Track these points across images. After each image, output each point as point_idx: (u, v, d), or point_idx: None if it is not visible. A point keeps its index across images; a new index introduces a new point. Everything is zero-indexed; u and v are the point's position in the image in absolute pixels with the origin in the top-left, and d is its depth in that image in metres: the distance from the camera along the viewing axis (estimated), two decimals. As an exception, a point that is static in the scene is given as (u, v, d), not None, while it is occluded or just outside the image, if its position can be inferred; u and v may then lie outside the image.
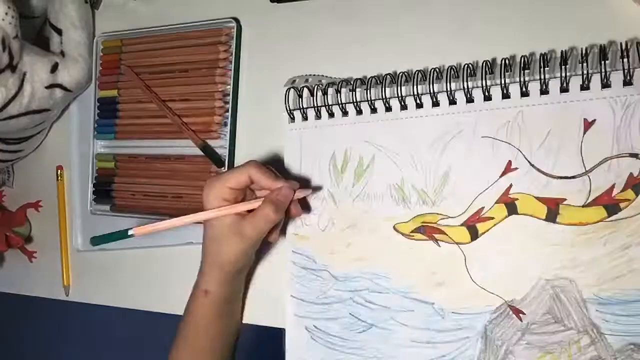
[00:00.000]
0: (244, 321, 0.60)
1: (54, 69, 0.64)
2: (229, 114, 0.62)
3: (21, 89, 0.61)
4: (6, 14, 0.56)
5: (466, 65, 0.49)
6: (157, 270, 0.66)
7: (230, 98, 0.62)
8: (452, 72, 0.49)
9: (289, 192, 0.51)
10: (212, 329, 0.56)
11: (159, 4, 0.69)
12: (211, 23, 0.63)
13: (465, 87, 0.48)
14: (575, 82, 0.45)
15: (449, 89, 0.49)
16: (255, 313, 0.59)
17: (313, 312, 0.55)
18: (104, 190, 0.69)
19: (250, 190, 0.53)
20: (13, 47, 0.58)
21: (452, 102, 0.49)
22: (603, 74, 0.43)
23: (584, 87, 0.45)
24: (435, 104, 0.50)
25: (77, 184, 0.72)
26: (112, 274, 0.69)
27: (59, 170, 0.74)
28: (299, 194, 0.53)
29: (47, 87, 0.64)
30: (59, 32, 0.66)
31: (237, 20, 0.62)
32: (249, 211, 0.51)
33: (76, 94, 0.70)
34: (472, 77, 0.49)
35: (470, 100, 0.49)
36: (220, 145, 0.63)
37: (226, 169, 0.62)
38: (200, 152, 0.63)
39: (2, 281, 0.78)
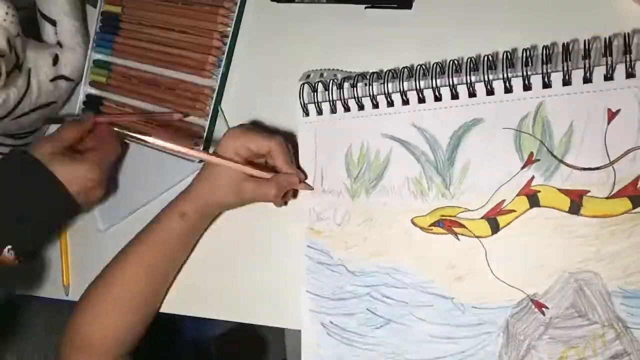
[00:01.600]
0: (256, 321, 0.59)
1: (55, 61, 0.64)
2: (224, 56, 0.61)
3: (29, 85, 0.62)
4: (7, 13, 0.56)
5: (486, 57, 0.48)
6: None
7: (228, 40, 0.61)
8: (472, 64, 0.49)
9: (295, 181, 0.55)
10: (170, 261, 0.58)
11: None
12: None
13: (486, 79, 0.48)
14: (598, 73, 0.44)
15: (468, 81, 0.48)
16: (268, 314, 0.58)
17: (329, 308, 0.54)
18: (94, 102, 0.70)
19: (261, 156, 0.56)
20: (17, 46, 0.58)
21: (472, 94, 0.49)
22: (628, 63, 0.43)
23: (608, 77, 0.44)
24: (455, 96, 0.49)
25: None
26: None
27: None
28: (301, 187, 0.56)
29: (51, 80, 0.64)
30: (53, 22, 0.66)
31: None
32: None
33: (77, 81, 0.70)
34: (492, 70, 0.48)
35: (490, 92, 0.48)
36: (209, 85, 0.62)
37: (210, 113, 0.62)
38: (190, 86, 0.63)
39: (1, 281, 0.75)
